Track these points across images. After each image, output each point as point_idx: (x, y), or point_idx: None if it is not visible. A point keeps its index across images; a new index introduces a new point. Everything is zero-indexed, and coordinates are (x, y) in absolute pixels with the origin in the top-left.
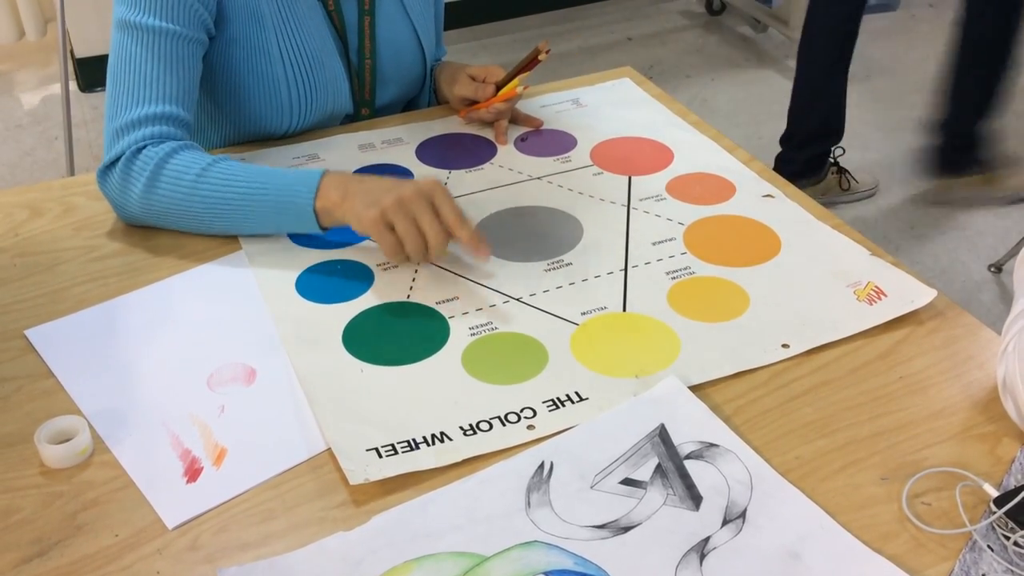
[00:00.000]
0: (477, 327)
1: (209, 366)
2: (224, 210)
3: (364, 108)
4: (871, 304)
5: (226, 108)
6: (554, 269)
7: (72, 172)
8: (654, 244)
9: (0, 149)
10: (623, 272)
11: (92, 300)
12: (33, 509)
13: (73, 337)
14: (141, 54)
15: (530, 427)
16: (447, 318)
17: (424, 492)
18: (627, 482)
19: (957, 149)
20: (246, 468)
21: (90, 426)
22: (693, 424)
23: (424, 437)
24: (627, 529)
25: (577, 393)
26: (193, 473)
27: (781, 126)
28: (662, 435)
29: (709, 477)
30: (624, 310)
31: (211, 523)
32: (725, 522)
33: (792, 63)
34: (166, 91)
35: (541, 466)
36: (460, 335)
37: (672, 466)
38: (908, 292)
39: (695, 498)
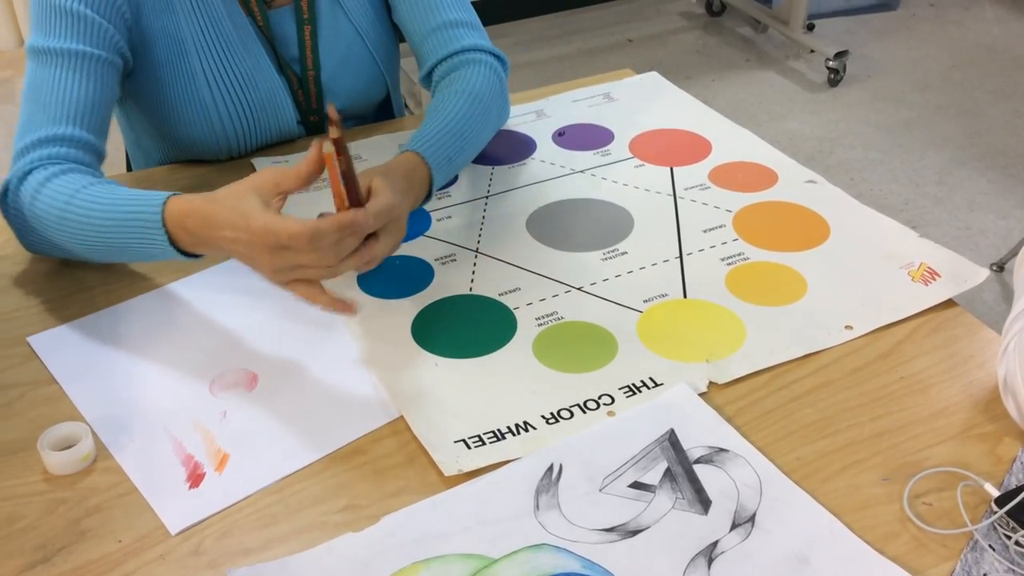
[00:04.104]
0: (543, 317)
1: (211, 372)
2: (89, 239)
3: (312, 116)
4: (926, 284)
5: (165, 132)
6: (610, 258)
7: None
8: (705, 232)
9: (2, 156)
10: (678, 259)
11: (94, 307)
12: (36, 516)
13: (75, 343)
14: (46, 78)
15: (610, 413)
16: (512, 309)
17: (432, 494)
18: (636, 486)
19: None
20: (248, 473)
21: (93, 432)
22: (703, 429)
23: (509, 427)
24: (636, 533)
25: (652, 379)
26: (196, 479)
27: (782, 126)
28: (671, 439)
29: (718, 481)
30: (685, 296)
31: (214, 528)
32: (734, 526)
33: (793, 63)
34: (67, 113)
35: (550, 468)
36: (528, 325)
37: (681, 470)
38: (961, 272)
39: (704, 502)
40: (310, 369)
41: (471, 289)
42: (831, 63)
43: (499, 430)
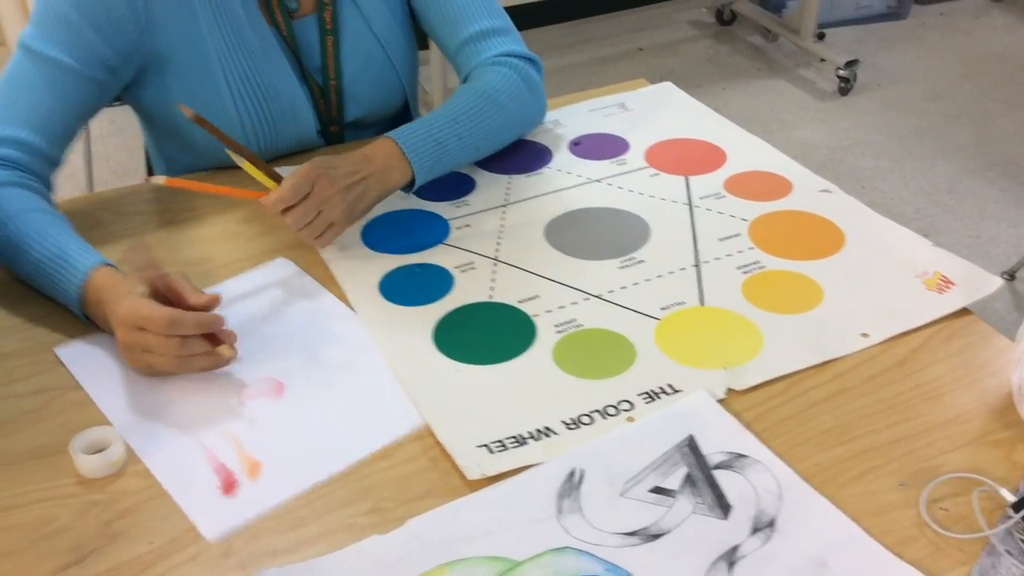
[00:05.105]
0: (562, 324)
1: (238, 380)
2: (11, 258)
3: (333, 126)
4: (941, 293)
5: (187, 140)
6: (627, 266)
7: (91, 186)
8: (721, 240)
9: None
10: (695, 268)
11: None
12: (69, 518)
13: (102, 353)
14: (26, 78)
15: (630, 419)
16: (532, 316)
17: (456, 498)
18: (657, 490)
19: None
20: (281, 480)
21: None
22: (721, 435)
23: (530, 432)
24: (657, 536)
25: (670, 385)
26: (229, 486)
27: (793, 135)
28: (691, 445)
29: (738, 487)
30: (702, 304)
31: (244, 531)
32: (754, 530)
33: (803, 72)
34: (34, 120)
35: (572, 473)
36: (547, 332)
37: (701, 475)
38: (974, 280)
39: (724, 507)
40: (335, 377)
41: (491, 296)
42: (842, 72)
43: (521, 435)
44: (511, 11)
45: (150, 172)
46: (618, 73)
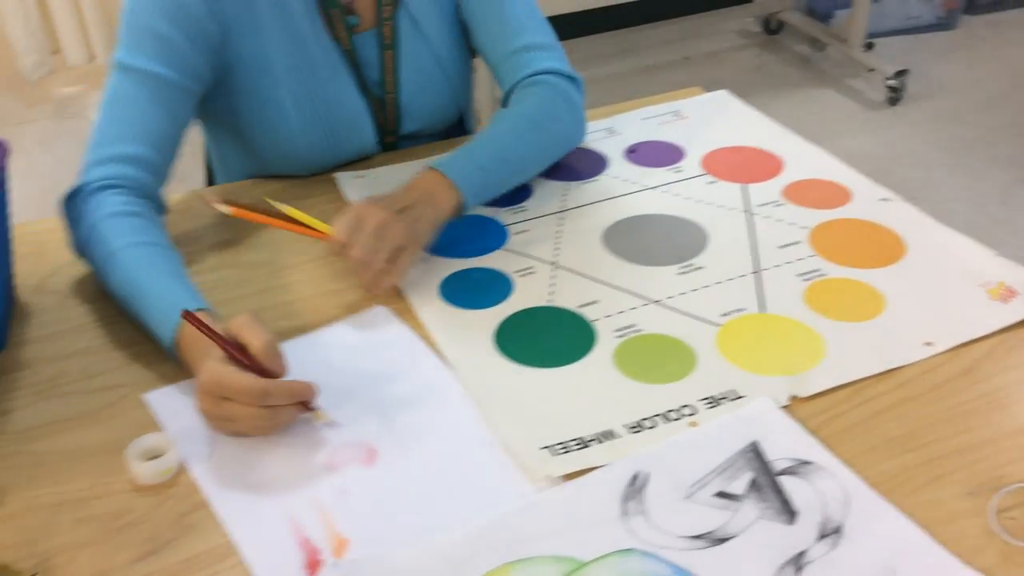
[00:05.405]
0: (622, 329)
1: (328, 444)
2: (113, 284)
3: (389, 136)
4: (1005, 302)
5: (249, 150)
6: (686, 273)
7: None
8: (780, 247)
9: (75, 168)
10: (754, 275)
11: None
12: (145, 510)
13: (190, 401)
14: (127, 95)
15: (692, 424)
16: (591, 321)
17: (520, 499)
18: (722, 495)
19: None
20: (367, 561)
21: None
22: (786, 442)
23: (592, 435)
24: (723, 540)
25: (733, 391)
26: (313, 565)
27: (841, 145)
28: (755, 451)
29: (803, 493)
30: (763, 311)
31: None
32: (821, 536)
33: (851, 82)
34: (141, 134)
35: (635, 476)
36: (607, 337)
37: (766, 481)
38: None
39: (790, 512)
40: (432, 446)
41: (550, 301)
42: (891, 82)
43: (583, 438)
44: (556, 21)
45: (209, 179)
46: (664, 82)
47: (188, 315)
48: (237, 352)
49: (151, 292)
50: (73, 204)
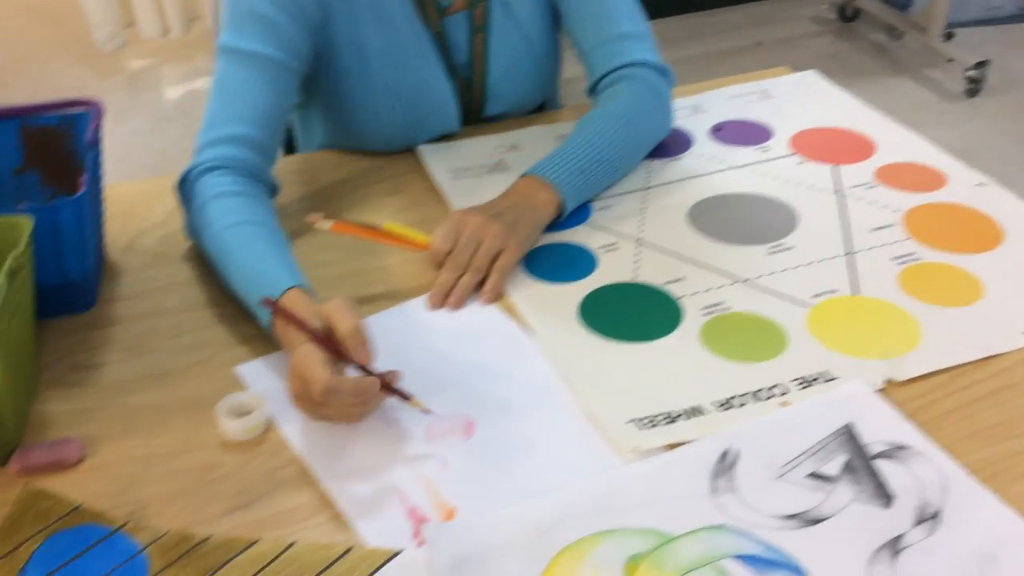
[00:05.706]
0: (710, 307)
1: (427, 415)
2: (220, 262)
3: (472, 117)
4: None
5: (338, 128)
6: (775, 252)
7: None
8: (873, 230)
9: (148, 139)
10: (846, 257)
11: None
12: (234, 466)
13: (283, 373)
14: (235, 77)
15: (783, 403)
16: (677, 298)
17: (607, 471)
18: (814, 476)
19: None
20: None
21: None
22: (881, 426)
23: (681, 410)
24: (817, 521)
25: (826, 372)
26: (419, 532)
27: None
28: (850, 433)
29: (899, 477)
30: (855, 293)
31: None
32: (918, 522)
33: (929, 72)
34: (251, 114)
35: (725, 453)
36: (694, 314)
37: (861, 464)
38: None
39: (886, 496)
40: (526, 414)
41: (635, 277)
42: (970, 73)
43: (671, 413)
44: None
45: (290, 148)
46: (735, 68)
47: (276, 307)
48: (324, 339)
49: (249, 273)
50: (184, 187)
